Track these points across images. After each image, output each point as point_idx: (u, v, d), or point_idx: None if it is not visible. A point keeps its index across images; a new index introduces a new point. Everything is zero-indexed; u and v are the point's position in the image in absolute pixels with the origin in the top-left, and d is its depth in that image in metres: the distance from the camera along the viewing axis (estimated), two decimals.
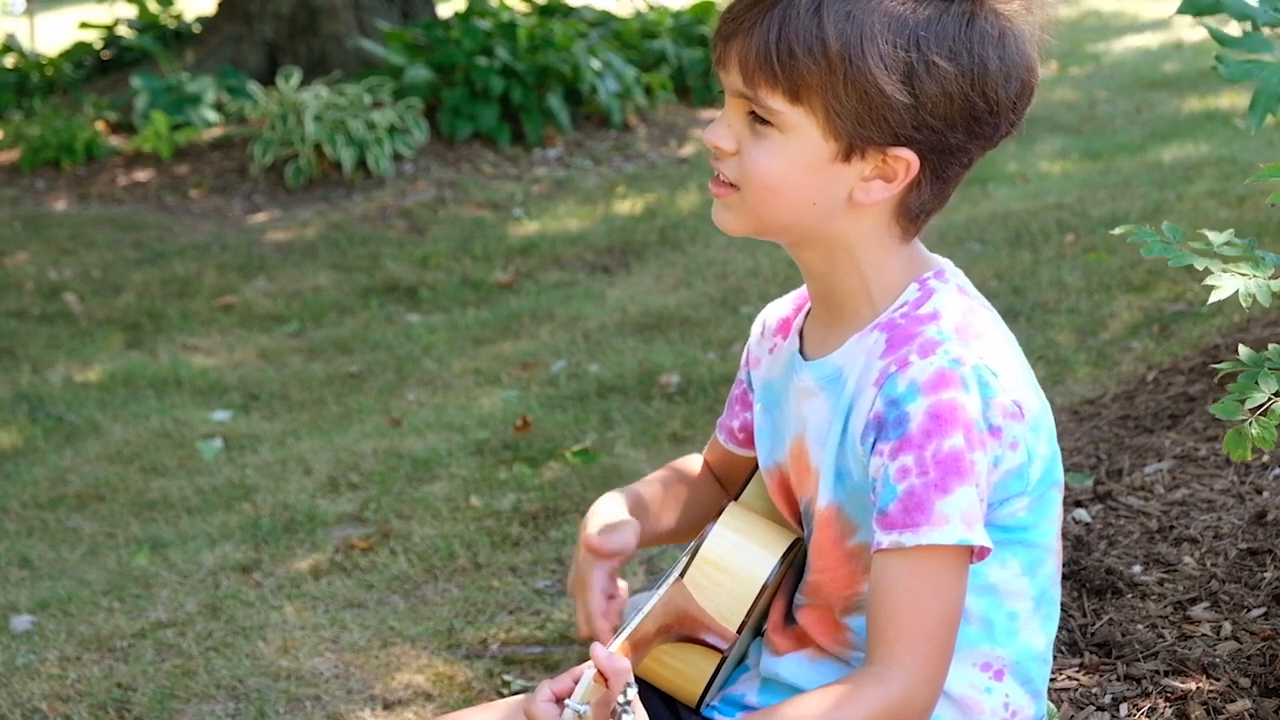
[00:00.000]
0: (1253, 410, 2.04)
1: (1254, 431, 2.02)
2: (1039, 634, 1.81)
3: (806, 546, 1.87)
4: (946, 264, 1.80)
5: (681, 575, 1.84)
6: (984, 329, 1.73)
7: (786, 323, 1.92)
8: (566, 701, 1.60)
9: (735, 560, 1.84)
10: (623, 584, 1.93)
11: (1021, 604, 1.79)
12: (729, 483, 2.07)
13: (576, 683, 1.62)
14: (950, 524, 1.63)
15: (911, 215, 1.75)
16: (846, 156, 1.69)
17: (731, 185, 1.74)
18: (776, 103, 1.68)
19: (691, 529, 2.01)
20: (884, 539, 1.66)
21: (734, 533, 1.86)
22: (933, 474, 1.64)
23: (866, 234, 1.75)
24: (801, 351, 1.85)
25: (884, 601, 1.67)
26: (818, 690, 1.70)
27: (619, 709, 1.59)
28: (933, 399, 1.64)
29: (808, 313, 1.88)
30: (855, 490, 1.74)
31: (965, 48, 1.67)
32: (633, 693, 1.59)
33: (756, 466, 1.96)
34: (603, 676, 1.60)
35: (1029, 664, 1.81)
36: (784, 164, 1.70)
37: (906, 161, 1.69)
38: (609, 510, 1.96)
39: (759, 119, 1.70)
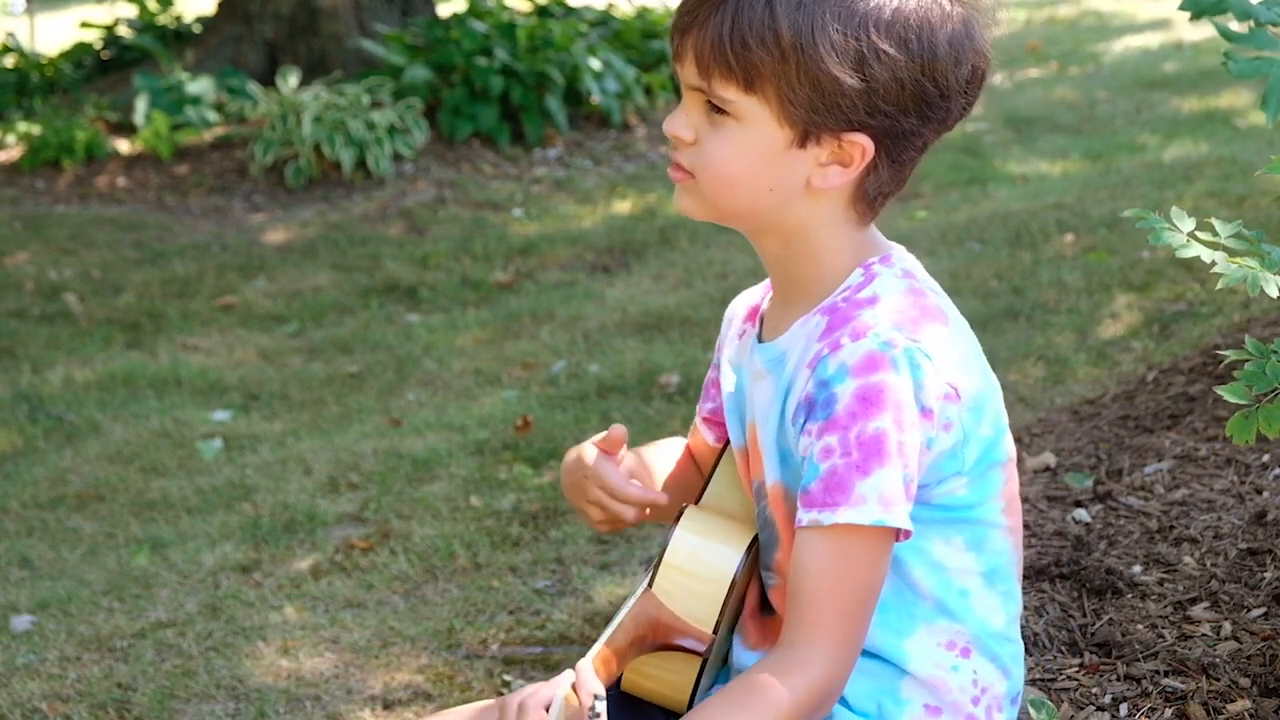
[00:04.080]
0: (1260, 396, 2.04)
1: (1260, 417, 2.03)
2: (998, 612, 1.83)
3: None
4: (896, 249, 1.84)
5: (650, 585, 1.85)
6: (923, 312, 1.75)
7: (754, 309, 1.97)
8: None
9: (699, 562, 1.85)
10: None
11: (971, 580, 1.81)
12: (705, 470, 2.09)
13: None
14: (867, 504, 1.66)
15: (869, 199, 1.78)
16: (802, 143, 1.73)
17: (689, 172, 1.79)
18: (730, 93, 1.72)
19: (676, 497, 2.01)
20: (804, 516, 1.70)
21: (694, 535, 1.87)
22: (855, 455, 1.67)
23: (824, 219, 1.78)
24: (760, 336, 1.89)
25: (804, 580, 1.70)
26: (739, 685, 1.71)
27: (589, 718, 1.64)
28: (861, 381, 1.67)
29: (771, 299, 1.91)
30: (797, 471, 1.77)
31: (914, 34, 1.70)
32: (601, 706, 1.64)
33: (715, 465, 1.98)
34: (575, 693, 1.66)
35: (990, 641, 1.82)
36: (739, 152, 1.74)
37: (862, 146, 1.73)
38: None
39: (715, 109, 1.74)
